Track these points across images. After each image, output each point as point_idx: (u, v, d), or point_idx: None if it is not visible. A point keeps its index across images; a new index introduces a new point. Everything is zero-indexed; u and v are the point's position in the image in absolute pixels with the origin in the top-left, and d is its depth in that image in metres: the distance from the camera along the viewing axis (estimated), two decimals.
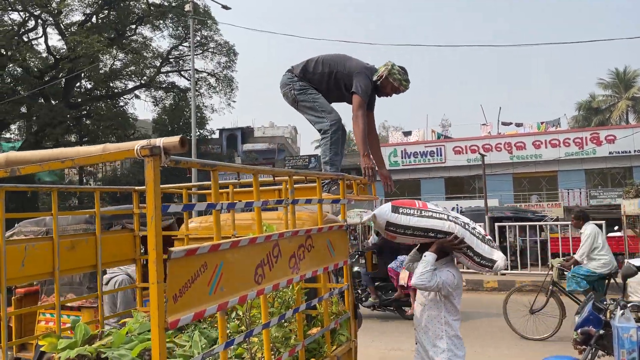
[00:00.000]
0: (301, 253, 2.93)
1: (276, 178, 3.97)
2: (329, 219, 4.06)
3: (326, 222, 3.81)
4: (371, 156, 4.17)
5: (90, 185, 32.73)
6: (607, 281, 7.50)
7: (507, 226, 15.42)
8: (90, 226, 6.40)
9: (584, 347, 4.37)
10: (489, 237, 3.67)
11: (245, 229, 3.76)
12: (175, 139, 1.86)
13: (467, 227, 3.57)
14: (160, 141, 1.87)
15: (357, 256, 10.00)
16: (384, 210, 3.63)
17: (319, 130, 4.23)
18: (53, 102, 28.49)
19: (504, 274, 12.44)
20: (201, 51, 31.54)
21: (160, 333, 1.82)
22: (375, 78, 4.15)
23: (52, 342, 3.41)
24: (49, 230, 6.73)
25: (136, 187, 4.27)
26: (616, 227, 15.87)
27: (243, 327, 2.95)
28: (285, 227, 3.45)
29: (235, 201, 3.66)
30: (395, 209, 3.61)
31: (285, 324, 3.22)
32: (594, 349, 4.34)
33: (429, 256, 3.51)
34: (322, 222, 3.74)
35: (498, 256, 3.55)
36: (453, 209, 28.06)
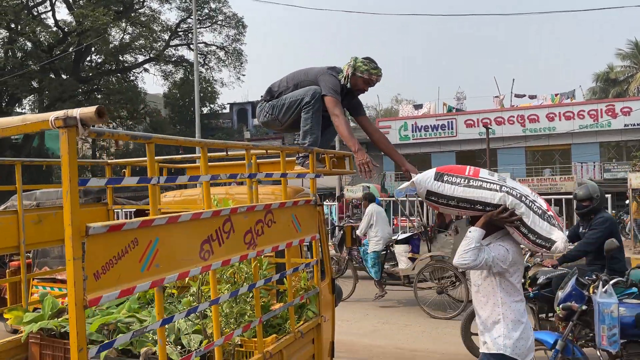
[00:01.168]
0: (259, 228, 2.85)
1: (252, 151, 3.89)
2: (305, 194, 3.98)
3: (301, 197, 3.74)
4: (365, 150, 3.90)
5: (104, 159, 32.92)
6: (385, 254, 8.90)
7: None
8: (79, 200, 6.42)
9: (566, 322, 4.28)
10: (551, 212, 3.12)
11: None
12: (92, 109, 1.77)
13: (524, 199, 3.07)
14: (76, 112, 1.79)
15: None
16: (426, 178, 3.20)
17: (305, 105, 4.07)
18: (64, 76, 28.54)
19: None
20: (210, 24, 31.23)
21: (78, 311, 1.77)
22: (341, 79, 3.98)
23: (18, 315, 3.42)
24: (40, 203, 6.77)
25: (109, 161, 4.22)
26: (627, 202, 15.58)
27: (195, 304, 2.91)
28: (255, 201, 3.37)
29: (174, 176, 3.57)
30: (439, 177, 3.18)
31: (249, 300, 3.17)
32: (576, 324, 4.25)
33: (474, 232, 3.07)
34: (296, 197, 3.67)
35: (558, 236, 3.02)
36: None
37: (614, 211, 16.27)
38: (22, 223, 3.44)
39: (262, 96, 4.27)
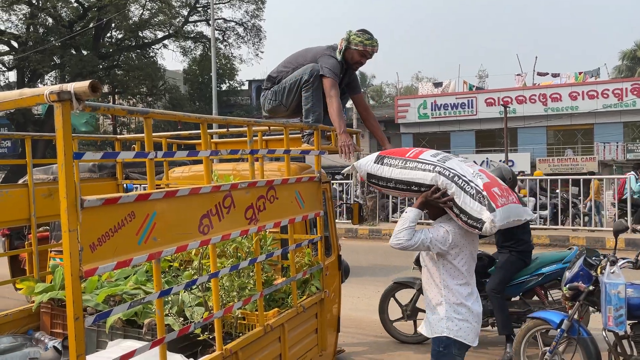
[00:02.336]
0: (261, 204, 2.88)
1: (254, 128, 3.90)
2: (312, 171, 3.99)
3: (305, 174, 3.75)
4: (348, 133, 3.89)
5: (124, 134, 33.21)
6: None
7: None
8: (93, 174, 6.53)
9: (573, 302, 4.26)
10: (485, 192, 2.98)
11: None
12: (85, 84, 1.79)
13: (456, 179, 3.03)
14: (70, 86, 1.82)
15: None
16: (367, 161, 3.29)
17: (304, 83, 4.06)
18: (84, 52, 28.76)
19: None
20: None
21: (74, 281, 1.82)
22: (338, 56, 3.96)
23: (30, 285, 3.52)
24: (56, 177, 6.90)
25: (118, 136, 4.28)
26: None
27: (196, 276, 2.96)
28: (258, 177, 3.40)
29: (173, 151, 3.60)
30: (379, 159, 3.25)
31: (252, 274, 3.21)
32: (582, 305, 4.23)
33: (409, 212, 3.09)
34: (301, 174, 3.68)
35: (487, 217, 2.93)
36: (483, 162, 27.58)
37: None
38: (33, 196, 3.52)
39: (263, 86, 4.28)
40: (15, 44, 27.57)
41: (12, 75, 30.15)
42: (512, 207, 3.08)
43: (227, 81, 38.84)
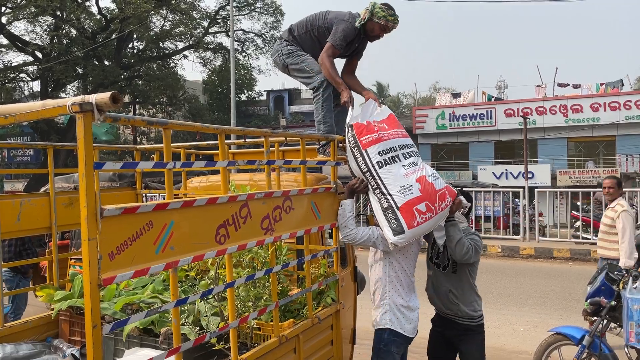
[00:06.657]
0: (277, 215, 2.89)
1: (271, 139, 3.92)
2: (328, 181, 3.98)
3: (322, 185, 3.75)
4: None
5: (144, 143, 33.66)
6: None
7: None
8: (113, 183, 6.61)
9: (594, 318, 4.19)
10: (404, 212, 3.24)
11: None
12: (106, 95, 1.83)
13: (377, 192, 3.37)
14: (92, 97, 1.85)
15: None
16: (349, 118, 3.57)
17: (312, 90, 4.10)
18: (106, 62, 29.26)
19: None
20: (248, 11, 31.36)
21: (92, 289, 1.84)
22: (357, 24, 3.94)
23: (50, 293, 3.56)
24: (77, 186, 7.00)
25: (137, 146, 4.33)
26: None
27: (212, 286, 2.97)
28: (275, 188, 3.40)
29: (191, 162, 3.63)
30: (349, 128, 3.52)
31: (267, 284, 3.22)
32: (604, 320, 4.15)
33: (343, 206, 3.42)
34: (317, 185, 3.68)
35: (384, 232, 3.34)
36: (502, 174, 27.29)
37: None
38: (54, 205, 3.58)
39: (281, 35, 4.30)
40: (39, 55, 28.14)
41: (36, 86, 30.80)
42: (435, 219, 3.35)
43: (245, 91, 39.23)
